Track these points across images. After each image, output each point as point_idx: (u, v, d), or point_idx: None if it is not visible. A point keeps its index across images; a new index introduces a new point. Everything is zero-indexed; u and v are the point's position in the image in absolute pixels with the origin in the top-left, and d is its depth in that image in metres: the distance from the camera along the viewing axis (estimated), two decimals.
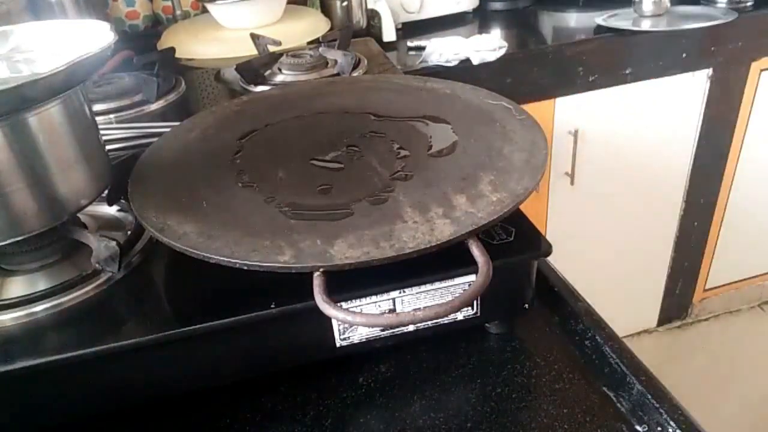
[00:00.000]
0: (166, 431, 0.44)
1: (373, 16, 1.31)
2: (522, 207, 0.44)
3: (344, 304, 0.42)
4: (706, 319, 1.82)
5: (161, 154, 0.55)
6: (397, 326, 0.44)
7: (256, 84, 0.89)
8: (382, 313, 0.42)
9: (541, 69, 1.19)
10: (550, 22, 1.40)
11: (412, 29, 1.35)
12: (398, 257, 0.38)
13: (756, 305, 1.86)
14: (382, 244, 0.38)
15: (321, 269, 0.37)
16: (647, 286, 1.66)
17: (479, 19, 1.44)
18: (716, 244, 1.63)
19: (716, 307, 1.82)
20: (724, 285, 1.76)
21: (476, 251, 0.38)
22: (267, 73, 0.93)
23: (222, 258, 0.39)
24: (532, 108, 0.98)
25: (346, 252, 0.38)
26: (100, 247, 0.45)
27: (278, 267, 0.38)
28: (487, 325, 0.50)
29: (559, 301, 0.51)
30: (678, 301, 1.73)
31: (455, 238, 0.39)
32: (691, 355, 1.72)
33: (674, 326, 1.79)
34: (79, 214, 0.51)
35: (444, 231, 0.39)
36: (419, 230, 0.40)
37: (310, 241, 0.39)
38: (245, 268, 0.38)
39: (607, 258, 1.52)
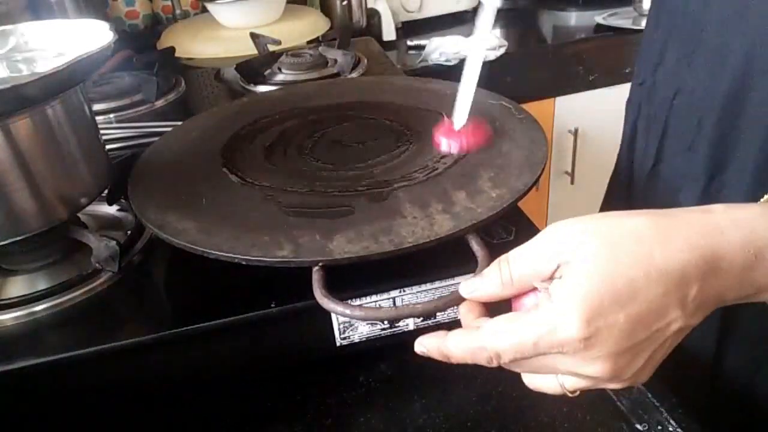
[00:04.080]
0: (166, 431, 0.44)
1: (372, 15, 1.31)
2: (522, 206, 0.44)
3: None
4: None
5: (161, 154, 0.55)
6: (396, 320, 0.44)
7: (256, 83, 0.89)
8: (381, 308, 0.42)
9: (541, 68, 1.19)
10: (549, 21, 1.40)
11: (411, 28, 1.35)
12: (397, 252, 0.38)
13: None
14: (381, 239, 0.38)
15: (320, 263, 0.37)
16: None
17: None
18: None
19: None
20: None
21: (475, 245, 0.38)
22: (267, 72, 0.93)
23: (221, 253, 0.39)
24: (532, 107, 0.98)
25: (345, 247, 0.38)
26: (100, 246, 0.45)
27: (277, 261, 0.38)
28: None
29: None
30: None
31: (454, 233, 0.39)
32: None
33: None
34: (79, 214, 0.51)
35: (443, 226, 0.39)
36: (419, 225, 0.40)
37: (309, 236, 0.39)
38: (244, 263, 0.38)
39: None
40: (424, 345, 0.31)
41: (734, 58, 0.44)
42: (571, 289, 0.27)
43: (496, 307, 0.32)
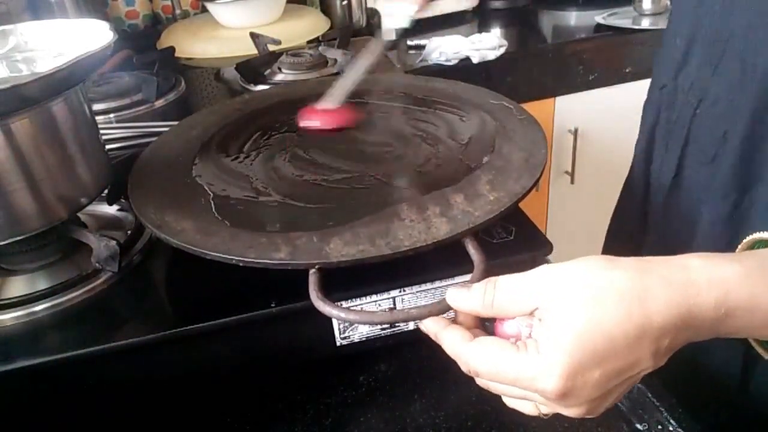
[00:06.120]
0: (166, 431, 0.44)
1: (372, 15, 1.31)
2: (522, 206, 0.44)
3: (345, 303, 0.42)
4: None
5: (161, 153, 0.55)
6: (390, 323, 0.44)
7: (256, 83, 0.89)
8: (376, 311, 0.43)
9: (541, 68, 1.19)
10: (549, 20, 1.40)
11: (412, 28, 1.35)
12: (394, 255, 0.38)
13: None
14: (378, 242, 0.38)
15: (316, 266, 0.37)
16: None
17: (479, 17, 1.44)
18: None
19: None
20: None
21: (472, 249, 0.38)
22: (267, 72, 0.93)
23: (218, 254, 0.39)
24: (532, 107, 0.98)
25: (342, 249, 0.38)
26: (101, 246, 0.45)
27: (273, 264, 0.38)
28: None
29: None
30: None
31: (451, 237, 0.39)
32: None
33: None
34: (79, 214, 0.51)
35: (440, 229, 0.39)
36: (416, 228, 0.40)
37: (307, 238, 0.39)
38: (240, 264, 0.38)
39: None
40: (425, 325, 0.34)
41: (762, 69, 0.41)
42: (555, 343, 0.28)
43: None
